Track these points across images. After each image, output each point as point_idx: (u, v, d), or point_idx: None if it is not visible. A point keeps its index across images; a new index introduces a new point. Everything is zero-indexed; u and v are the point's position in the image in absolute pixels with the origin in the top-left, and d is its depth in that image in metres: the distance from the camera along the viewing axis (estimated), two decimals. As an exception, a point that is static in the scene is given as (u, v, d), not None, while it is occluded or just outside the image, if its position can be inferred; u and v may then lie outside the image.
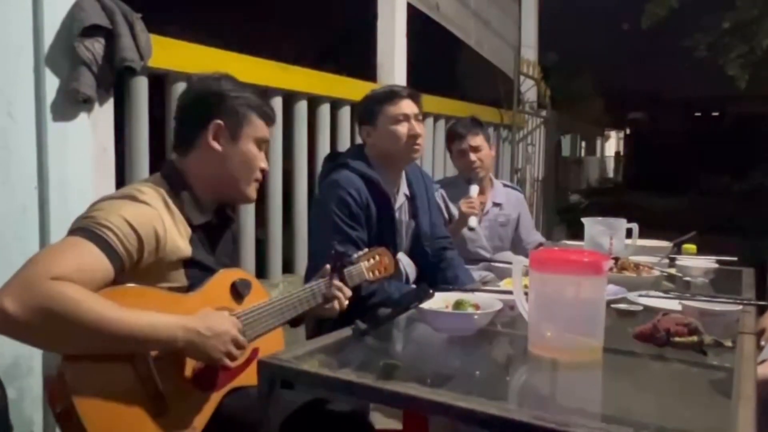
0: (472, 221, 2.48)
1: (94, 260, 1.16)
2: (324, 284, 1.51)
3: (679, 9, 8.08)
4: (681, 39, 8.54)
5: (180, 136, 1.46)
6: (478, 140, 2.68)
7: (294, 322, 1.60)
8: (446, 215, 2.68)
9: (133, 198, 1.28)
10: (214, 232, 1.46)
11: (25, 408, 1.85)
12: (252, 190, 1.48)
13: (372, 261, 1.68)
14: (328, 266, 1.56)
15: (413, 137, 2.04)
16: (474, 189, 2.58)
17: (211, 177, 1.42)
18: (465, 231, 2.57)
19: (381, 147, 2.07)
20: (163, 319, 1.18)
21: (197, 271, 1.35)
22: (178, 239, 1.31)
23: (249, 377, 1.34)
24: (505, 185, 2.91)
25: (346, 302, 1.54)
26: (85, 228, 1.19)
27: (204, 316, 1.25)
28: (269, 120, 1.48)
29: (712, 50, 8.21)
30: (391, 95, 2.07)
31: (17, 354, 1.81)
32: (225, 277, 1.37)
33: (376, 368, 1.11)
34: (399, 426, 1.83)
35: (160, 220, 1.28)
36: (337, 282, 1.53)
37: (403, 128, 2.04)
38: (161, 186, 1.36)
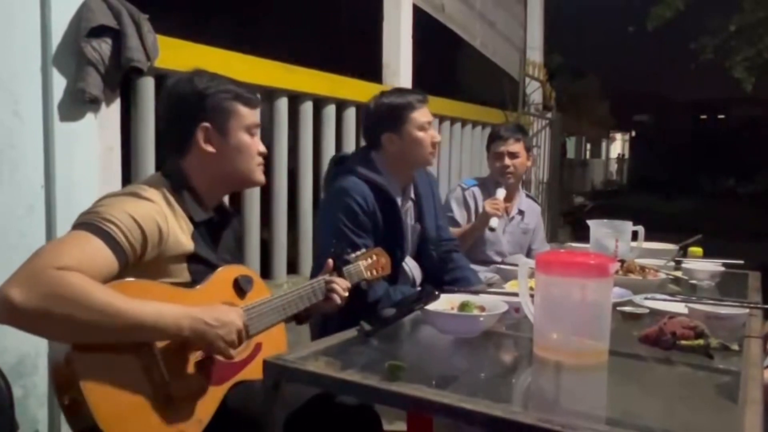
0: (494, 222, 2.51)
1: (98, 254, 1.18)
2: (324, 280, 1.55)
3: (684, 11, 8.06)
4: (687, 41, 8.52)
5: (170, 140, 1.47)
6: (517, 147, 2.72)
7: (299, 320, 1.63)
8: (472, 216, 2.70)
9: (136, 195, 1.30)
10: (216, 229, 1.47)
11: (30, 406, 1.86)
12: (258, 175, 1.49)
13: (369, 260, 1.71)
14: (330, 261, 1.60)
15: (435, 144, 2.06)
16: (501, 192, 2.62)
17: (214, 176, 1.44)
18: (486, 232, 2.59)
19: (405, 154, 2.04)
20: (169, 308, 1.20)
21: (200, 266, 1.37)
22: (180, 234, 1.33)
23: (253, 371, 1.36)
24: (527, 195, 2.95)
25: (346, 294, 1.56)
26: (89, 223, 1.21)
27: (210, 307, 1.26)
28: (253, 104, 1.47)
29: (719, 53, 8.19)
30: (415, 103, 2.03)
31: (22, 352, 1.82)
32: (227, 273, 1.39)
33: (381, 369, 1.11)
34: (404, 427, 1.83)
35: (163, 215, 1.30)
36: (336, 278, 1.56)
37: (428, 135, 2.04)
38: (162, 185, 1.38)
